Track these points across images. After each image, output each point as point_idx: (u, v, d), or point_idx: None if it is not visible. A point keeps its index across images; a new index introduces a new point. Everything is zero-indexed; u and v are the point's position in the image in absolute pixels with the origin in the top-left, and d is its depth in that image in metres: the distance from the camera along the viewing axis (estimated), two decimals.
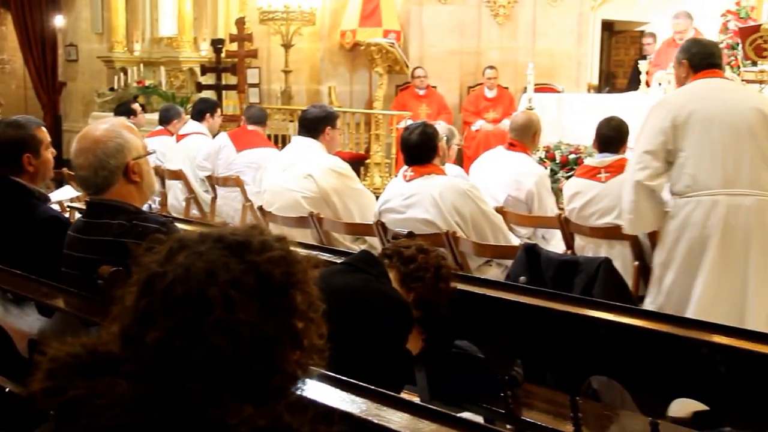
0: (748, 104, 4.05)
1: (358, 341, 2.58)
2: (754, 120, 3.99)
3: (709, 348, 2.45)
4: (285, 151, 5.49)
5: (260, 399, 1.38)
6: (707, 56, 4.20)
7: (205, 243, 1.43)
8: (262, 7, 10.43)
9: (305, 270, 1.49)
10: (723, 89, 4.16)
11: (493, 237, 4.55)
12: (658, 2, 13.96)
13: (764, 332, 2.53)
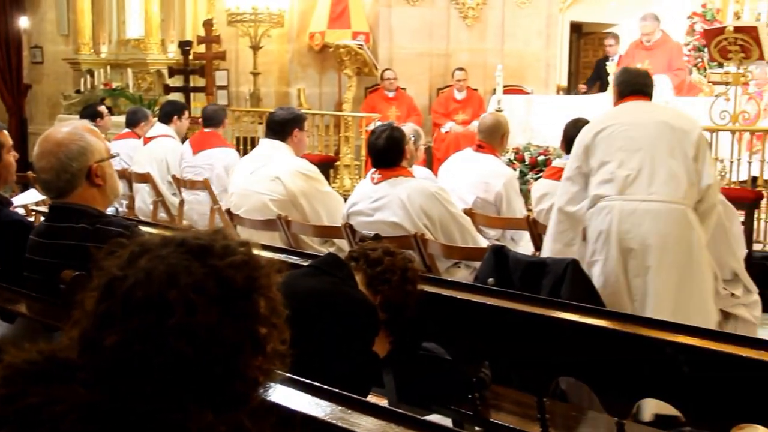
0: (654, 118, 4.14)
1: (325, 344, 2.57)
2: (657, 131, 4.07)
3: (674, 348, 2.46)
4: (252, 153, 5.46)
5: (221, 405, 1.37)
6: (631, 84, 4.34)
7: (167, 247, 1.42)
8: (230, 9, 10.39)
9: (268, 275, 1.48)
10: (637, 108, 4.25)
11: (462, 239, 4.55)
12: (626, 4, 14.09)
13: (728, 332, 2.55)
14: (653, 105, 4.33)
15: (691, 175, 4.01)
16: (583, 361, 2.78)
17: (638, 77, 4.41)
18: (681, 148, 4.02)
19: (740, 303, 4.73)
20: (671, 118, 4.16)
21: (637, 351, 2.63)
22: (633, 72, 4.50)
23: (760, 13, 12.02)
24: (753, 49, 6.79)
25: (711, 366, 2.42)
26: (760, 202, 6.60)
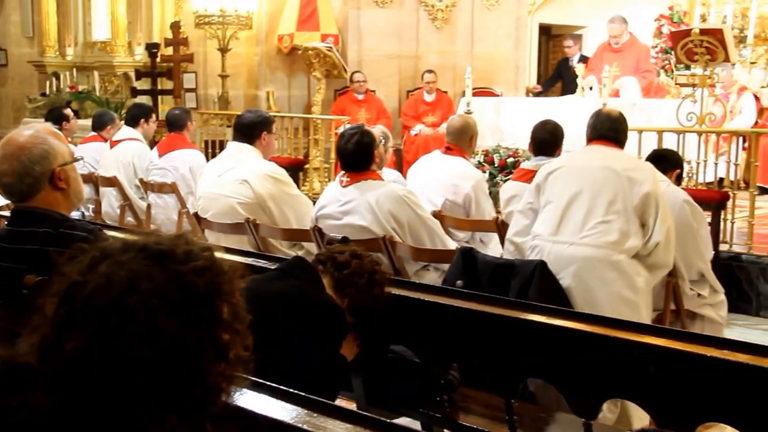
0: (604, 164, 4.16)
1: (291, 348, 2.57)
2: (603, 177, 4.12)
3: (640, 348, 2.48)
4: (220, 156, 5.42)
5: (184, 410, 1.36)
6: (597, 129, 4.37)
7: (128, 252, 1.41)
8: (197, 11, 10.33)
9: (231, 280, 1.48)
10: (594, 153, 4.29)
11: (430, 242, 4.55)
12: (595, 7, 14.20)
13: (693, 332, 2.57)
14: (612, 152, 4.28)
15: (631, 224, 4.04)
16: (551, 363, 2.79)
17: (605, 122, 4.40)
18: (624, 196, 4.04)
19: (707, 303, 4.79)
20: (623, 166, 4.16)
21: (604, 352, 2.64)
22: (602, 116, 4.47)
23: (726, 16, 12.18)
24: (718, 51, 6.86)
25: (677, 366, 2.44)
26: (726, 203, 6.66)
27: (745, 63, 12.02)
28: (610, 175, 4.09)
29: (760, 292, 6.58)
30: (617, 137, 4.35)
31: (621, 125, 4.41)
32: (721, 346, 2.38)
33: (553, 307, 2.96)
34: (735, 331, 6.18)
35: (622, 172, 4.09)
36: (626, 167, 4.14)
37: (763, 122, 10.37)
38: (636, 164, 4.34)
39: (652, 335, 2.55)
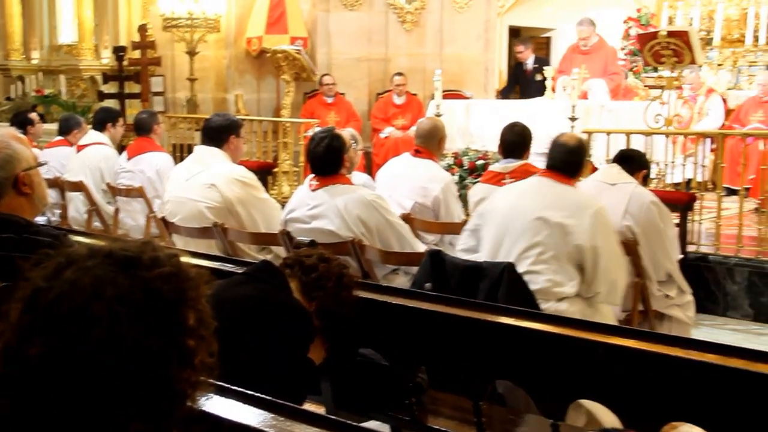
0: (535, 213, 4.08)
1: (258, 352, 2.56)
2: (532, 228, 4.06)
3: (606, 349, 2.49)
4: (188, 160, 5.39)
5: (149, 416, 1.36)
6: (550, 158, 4.33)
7: (93, 258, 1.41)
8: (165, 14, 10.25)
9: (197, 287, 1.49)
10: (535, 194, 4.19)
11: (399, 247, 4.54)
12: (563, 9, 14.29)
13: (658, 332, 2.58)
14: (554, 192, 4.17)
15: (564, 273, 4.01)
16: (519, 364, 2.79)
17: (559, 154, 4.31)
18: (555, 245, 3.99)
19: (675, 304, 4.83)
20: (559, 213, 4.05)
21: (571, 353, 2.65)
22: (558, 146, 4.36)
23: (693, 18, 12.31)
24: (685, 54, 6.92)
25: (642, 366, 2.45)
26: (693, 204, 6.72)
27: (712, 65, 12.15)
28: (542, 228, 4.02)
29: (727, 292, 6.65)
30: (569, 169, 4.26)
31: (575, 156, 4.31)
32: (685, 346, 2.40)
33: (521, 309, 2.96)
34: (702, 331, 6.24)
35: (557, 221, 4.01)
36: (563, 214, 4.04)
37: (730, 123, 10.47)
38: (576, 209, 4.10)
39: (618, 336, 2.56)
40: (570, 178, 4.26)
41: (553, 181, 4.22)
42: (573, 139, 4.41)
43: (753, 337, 6.16)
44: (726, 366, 2.27)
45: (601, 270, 4.00)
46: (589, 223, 4.03)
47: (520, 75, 11.58)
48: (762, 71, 11.14)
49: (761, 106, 10.23)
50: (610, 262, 4.04)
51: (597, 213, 4.07)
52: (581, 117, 8.02)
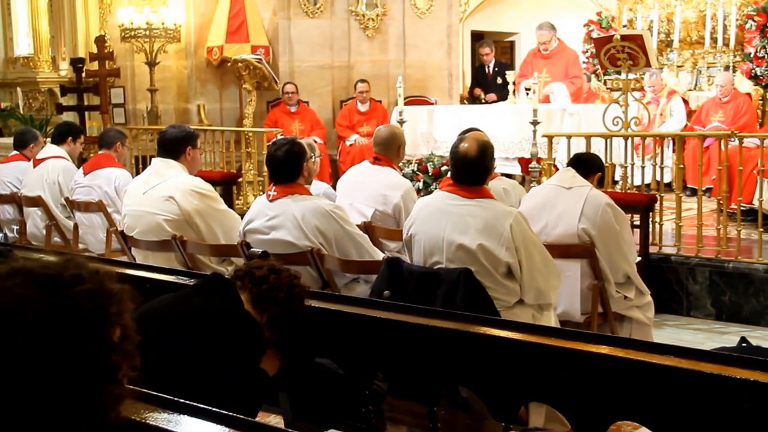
0: (453, 238, 3.96)
1: (209, 365, 2.54)
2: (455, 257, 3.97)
3: (553, 353, 2.50)
4: (144, 173, 5.33)
5: (73, 431, 1.38)
6: (452, 169, 4.19)
7: (14, 277, 1.41)
8: (123, 24, 10.18)
9: (120, 302, 1.52)
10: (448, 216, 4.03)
11: (358, 256, 4.52)
12: (526, 13, 14.38)
13: (606, 335, 2.59)
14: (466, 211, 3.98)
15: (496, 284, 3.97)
16: (474, 370, 2.80)
17: (462, 167, 4.10)
18: (485, 268, 3.91)
19: (634, 305, 4.85)
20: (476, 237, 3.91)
21: (523, 357, 2.66)
22: (458, 159, 4.10)
23: (652, 20, 12.41)
24: (640, 57, 6.97)
25: (590, 368, 2.46)
26: (654, 205, 6.77)
27: (672, 67, 12.26)
28: (465, 255, 3.93)
29: (690, 292, 6.70)
30: (474, 179, 4.05)
31: (478, 165, 4.05)
32: (627, 346, 2.42)
33: (475, 315, 2.98)
34: (666, 331, 6.29)
35: (477, 245, 3.91)
36: (480, 237, 3.91)
37: (692, 125, 10.57)
38: (492, 228, 3.93)
39: (567, 340, 2.58)
40: (477, 187, 4.05)
41: (459, 197, 4.03)
42: (473, 147, 4.04)
43: (716, 335, 6.21)
44: (667, 366, 2.29)
45: (525, 277, 3.97)
46: (507, 238, 3.90)
47: (482, 78, 11.58)
48: (720, 72, 11.25)
49: (721, 106, 10.34)
50: (532, 267, 3.99)
51: (513, 225, 3.92)
52: (543, 121, 8.06)
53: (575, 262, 4.73)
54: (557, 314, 4.58)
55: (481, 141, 4.09)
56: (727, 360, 2.20)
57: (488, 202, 4.03)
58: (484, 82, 11.36)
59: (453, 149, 4.14)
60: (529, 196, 5.11)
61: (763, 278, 6.39)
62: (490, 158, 4.11)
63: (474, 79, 11.94)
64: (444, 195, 4.13)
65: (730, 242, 6.75)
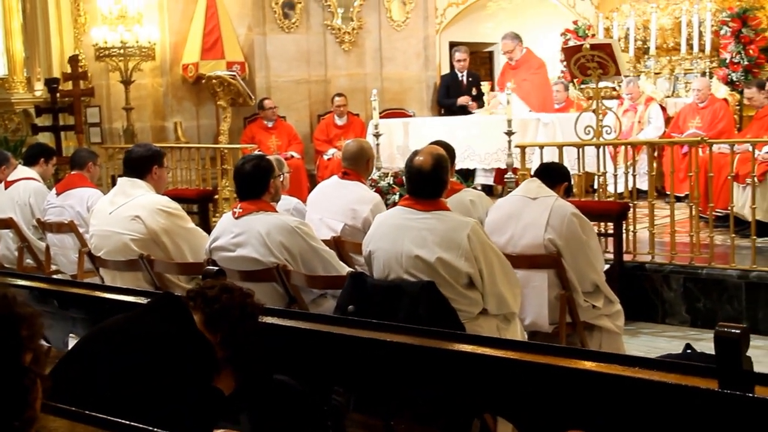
0: (411, 251, 3.94)
1: (162, 387, 2.52)
2: (419, 270, 3.94)
3: (495, 362, 2.49)
4: (111, 193, 5.30)
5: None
6: (408, 183, 4.19)
7: None
8: (97, 44, 10.16)
9: (31, 326, 1.51)
10: (407, 232, 3.99)
11: (324, 272, 4.50)
12: (503, 24, 14.42)
13: (559, 346, 2.58)
14: (425, 225, 3.97)
15: (467, 297, 3.96)
16: (426, 383, 2.80)
17: (418, 182, 4.08)
18: (446, 281, 3.89)
19: (603, 314, 4.84)
20: (434, 250, 3.90)
21: (485, 371, 2.66)
22: (414, 171, 4.08)
23: (629, 28, 12.47)
24: (609, 66, 7.00)
25: (542, 379, 2.45)
26: (627, 213, 6.76)
27: (650, 74, 12.31)
28: (425, 268, 3.91)
29: (665, 299, 6.70)
30: (431, 192, 4.03)
31: (434, 177, 4.03)
32: (571, 356, 2.42)
33: (437, 330, 2.97)
34: (641, 339, 6.29)
35: (436, 258, 3.88)
36: (439, 250, 3.89)
37: (670, 131, 10.61)
38: (450, 240, 3.91)
39: (525, 352, 2.57)
40: (433, 200, 4.04)
41: (415, 211, 4.02)
42: (427, 161, 4.02)
43: (690, 342, 6.17)
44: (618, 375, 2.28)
45: (487, 285, 3.96)
46: (466, 248, 3.88)
47: (455, 86, 11.13)
48: (697, 78, 11.30)
49: (698, 112, 10.38)
50: (493, 275, 3.98)
51: (470, 235, 3.90)
52: (518, 131, 8.07)
53: (542, 273, 4.72)
54: (525, 325, 4.58)
55: (435, 154, 4.07)
56: (670, 367, 2.20)
57: (444, 214, 4.01)
58: (457, 92, 10.94)
59: (408, 163, 4.14)
60: (495, 207, 5.10)
61: (736, 284, 6.39)
62: (444, 171, 4.09)
63: (445, 88, 11.33)
64: (401, 210, 4.13)
65: (704, 249, 6.75)
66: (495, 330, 4.02)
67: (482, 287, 3.96)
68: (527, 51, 9.78)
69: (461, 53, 11.10)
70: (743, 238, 6.77)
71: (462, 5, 14.46)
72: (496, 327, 4.04)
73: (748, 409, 1.96)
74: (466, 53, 11.13)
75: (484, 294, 3.99)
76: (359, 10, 11.15)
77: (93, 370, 2.58)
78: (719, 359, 2.02)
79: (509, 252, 4.51)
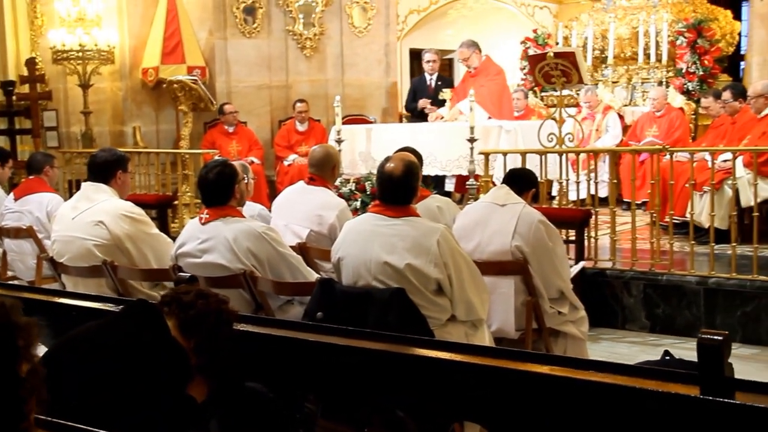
0: (380, 257, 3.94)
1: (136, 394, 2.49)
2: (389, 276, 3.94)
3: (483, 372, 2.50)
4: (74, 198, 5.23)
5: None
6: (378, 189, 4.19)
7: None
8: (55, 46, 10.02)
9: (27, 336, 1.49)
10: (375, 238, 4.00)
11: (292, 278, 4.49)
12: (464, 31, 14.51)
13: (532, 352, 2.60)
14: (394, 231, 3.97)
15: (436, 303, 3.97)
16: (402, 391, 2.79)
17: (388, 188, 4.08)
18: (416, 287, 3.90)
19: (568, 320, 4.88)
20: (403, 256, 3.89)
21: (456, 377, 2.67)
22: (384, 177, 4.08)
23: (587, 37, 12.63)
24: (573, 74, 7.08)
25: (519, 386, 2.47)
26: (589, 220, 6.84)
27: (608, 83, 12.48)
28: (394, 274, 3.91)
29: (625, 305, 6.79)
30: (401, 199, 4.04)
31: (404, 184, 4.03)
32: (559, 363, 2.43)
33: (407, 336, 2.97)
34: (602, 345, 6.35)
35: (405, 265, 3.89)
36: (408, 256, 3.90)
37: (627, 139, 10.75)
38: (420, 246, 3.92)
39: (498, 359, 2.58)
40: (403, 207, 4.04)
41: (385, 217, 4.03)
42: (398, 167, 4.03)
43: (650, 348, 6.29)
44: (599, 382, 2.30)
45: (456, 291, 3.98)
46: (435, 254, 3.90)
47: (422, 90, 10.76)
48: (654, 87, 11.48)
49: (655, 121, 10.54)
50: (462, 281, 3.99)
51: (440, 240, 3.91)
52: (480, 138, 8.12)
53: (509, 279, 4.76)
54: (492, 331, 4.60)
55: (406, 161, 4.09)
56: (650, 374, 2.22)
57: (414, 220, 4.03)
58: (423, 95, 10.55)
59: (379, 170, 4.14)
60: (463, 214, 5.13)
61: (695, 290, 6.50)
62: (415, 178, 4.10)
63: (411, 92, 10.99)
64: (371, 216, 4.13)
65: (663, 255, 6.85)
66: (463, 336, 4.03)
67: (451, 293, 3.98)
68: (486, 58, 9.79)
69: (430, 54, 10.71)
70: (702, 245, 6.86)
71: (423, 12, 14.56)
72: (464, 333, 4.06)
73: (730, 415, 1.99)
74: (435, 55, 10.74)
75: (452, 300, 4.00)
76: (321, 16, 11.13)
77: (65, 377, 2.54)
78: (701, 366, 2.04)
79: (476, 258, 4.53)
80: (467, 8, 15.54)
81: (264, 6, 11.01)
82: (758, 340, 6.17)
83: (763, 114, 7.60)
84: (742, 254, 6.58)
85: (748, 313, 6.29)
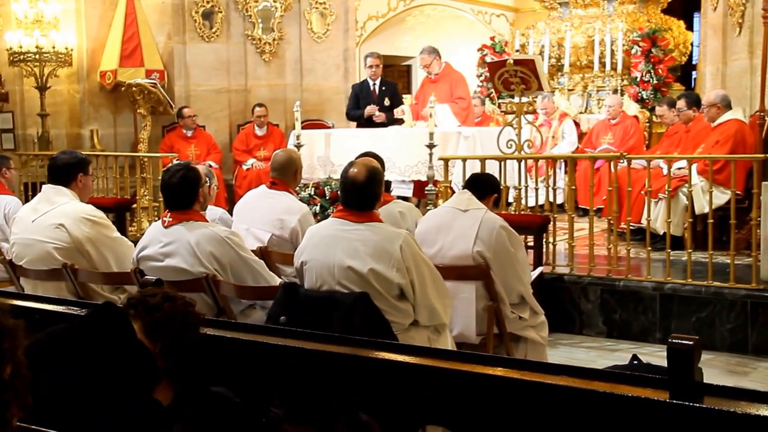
0: (343, 261, 3.97)
1: (102, 397, 2.48)
2: (349, 282, 3.97)
3: (447, 376, 2.52)
4: (34, 200, 5.18)
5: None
6: (342, 194, 4.21)
7: None
8: (11, 48, 9.90)
9: (13, 339, 1.47)
10: (338, 242, 4.03)
11: (254, 282, 4.48)
12: (422, 37, 14.60)
13: (496, 355, 2.63)
14: (358, 236, 4.00)
15: (399, 309, 4.01)
16: (370, 393, 2.80)
17: (351, 193, 4.11)
18: (378, 292, 3.93)
19: (529, 325, 4.94)
20: (366, 261, 3.93)
21: (419, 380, 2.68)
22: (348, 182, 4.12)
23: (544, 45, 12.77)
24: (532, 81, 7.16)
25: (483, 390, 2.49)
26: (547, 226, 6.93)
27: (564, 90, 12.64)
28: (356, 279, 3.94)
29: (582, 311, 6.87)
30: (364, 204, 4.07)
31: (367, 189, 4.07)
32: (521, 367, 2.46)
33: (370, 340, 2.99)
34: (560, 350, 6.43)
35: (368, 269, 3.92)
36: (370, 261, 3.93)
37: (583, 147, 10.89)
38: (382, 251, 3.95)
39: (461, 362, 2.61)
40: (366, 212, 4.08)
41: (349, 222, 4.06)
42: (362, 172, 4.07)
43: (607, 353, 6.38)
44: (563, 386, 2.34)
45: (418, 297, 4.02)
46: (398, 259, 3.92)
47: (365, 96, 10.11)
48: (609, 96, 11.65)
49: (610, 128, 10.69)
50: (424, 287, 4.03)
51: (403, 246, 3.94)
52: (439, 144, 8.16)
53: (470, 284, 4.80)
54: (453, 336, 4.64)
55: (369, 166, 4.12)
56: (620, 378, 2.26)
57: (377, 225, 4.06)
58: (367, 102, 10.00)
59: (342, 175, 4.18)
60: (425, 219, 5.17)
61: (651, 296, 6.60)
62: (378, 184, 4.14)
63: (353, 98, 10.28)
64: (334, 221, 4.15)
65: (620, 261, 6.95)
66: (426, 341, 4.07)
67: (413, 299, 4.01)
68: (446, 65, 9.85)
69: (372, 58, 10.03)
70: (658, 252, 6.98)
71: (382, 19, 14.62)
72: (427, 338, 4.09)
73: (699, 420, 2.02)
74: (378, 59, 10.06)
75: (415, 305, 4.03)
76: (280, 21, 11.13)
77: (33, 381, 2.53)
78: (671, 371, 2.08)
79: (438, 263, 4.56)
80: (425, 15, 15.65)
81: (223, 10, 10.98)
82: (712, 346, 6.27)
83: (717, 123, 7.75)
84: (697, 260, 6.69)
85: (702, 319, 6.40)
